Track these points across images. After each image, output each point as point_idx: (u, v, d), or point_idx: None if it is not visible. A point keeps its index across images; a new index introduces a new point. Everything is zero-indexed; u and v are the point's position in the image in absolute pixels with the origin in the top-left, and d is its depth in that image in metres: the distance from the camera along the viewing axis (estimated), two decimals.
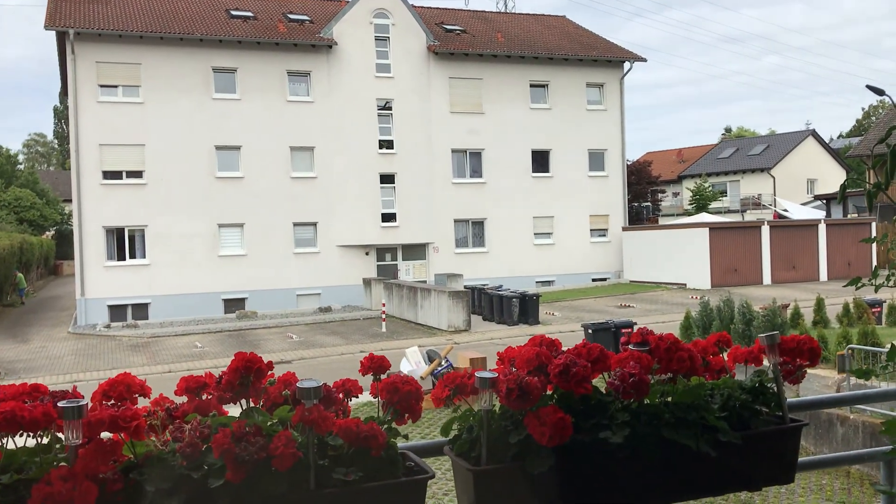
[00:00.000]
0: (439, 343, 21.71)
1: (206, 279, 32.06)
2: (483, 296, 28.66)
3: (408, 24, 35.49)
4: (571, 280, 37.68)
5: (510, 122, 37.04)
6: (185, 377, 1.90)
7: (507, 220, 36.94)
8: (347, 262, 34.49)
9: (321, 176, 34.01)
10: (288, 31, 34.07)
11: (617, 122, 39.41)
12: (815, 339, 2.39)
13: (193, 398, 1.87)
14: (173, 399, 1.87)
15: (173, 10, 34.23)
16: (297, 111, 33.69)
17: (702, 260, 34.39)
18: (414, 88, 35.47)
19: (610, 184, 39.16)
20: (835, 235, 36.29)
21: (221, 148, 32.63)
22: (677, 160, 63.09)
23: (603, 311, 28.47)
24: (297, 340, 25.30)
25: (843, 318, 19.50)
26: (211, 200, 32.28)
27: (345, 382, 1.99)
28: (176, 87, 31.93)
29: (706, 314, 19.49)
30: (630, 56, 39.68)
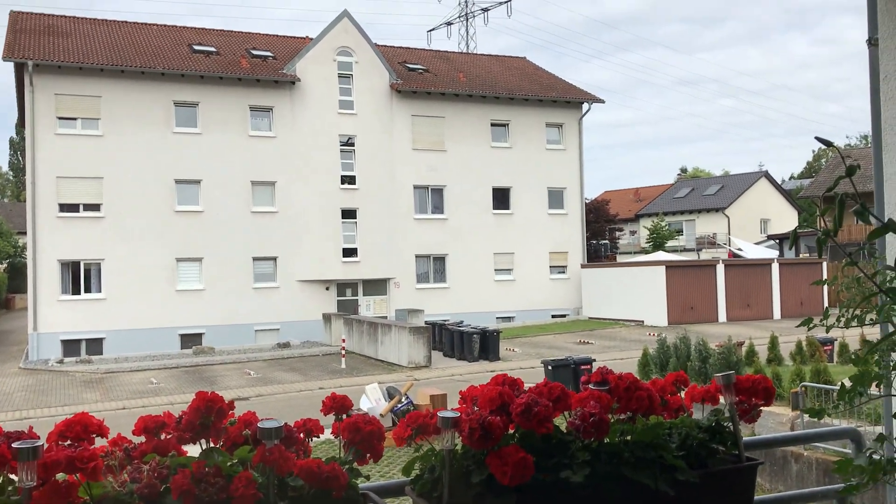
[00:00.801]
0: (399, 380, 21.57)
1: (162, 314, 31.54)
2: (444, 332, 28.60)
3: (371, 62, 35.77)
4: (531, 316, 37.82)
5: (471, 160, 37.36)
6: (143, 417, 1.87)
7: (468, 256, 37.07)
8: (307, 297, 34.23)
9: (282, 210, 33.84)
10: (251, 67, 34.10)
11: (576, 161, 39.98)
12: (770, 377, 2.44)
13: (152, 438, 1.85)
14: (131, 439, 1.84)
15: (135, 43, 34.08)
16: (258, 146, 33.61)
17: (659, 297, 34.81)
18: (377, 125, 35.66)
19: (569, 221, 39.60)
20: (787, 274, 37.03)
21: (181, 181, 32.34)
22: (634, 199, 64.08)
23: (562, 347, 28.58)
24: (254, 377, 24.93)
25: (796, 355, 19.83)
26: (169, 234, 31.89)
27: (306, 422, 1.98)
28: (136, 121, 31.67)
29: (663, 351, 19.68)
30: (588, 97, 40.43)
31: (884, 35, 2.76)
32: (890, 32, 2.75)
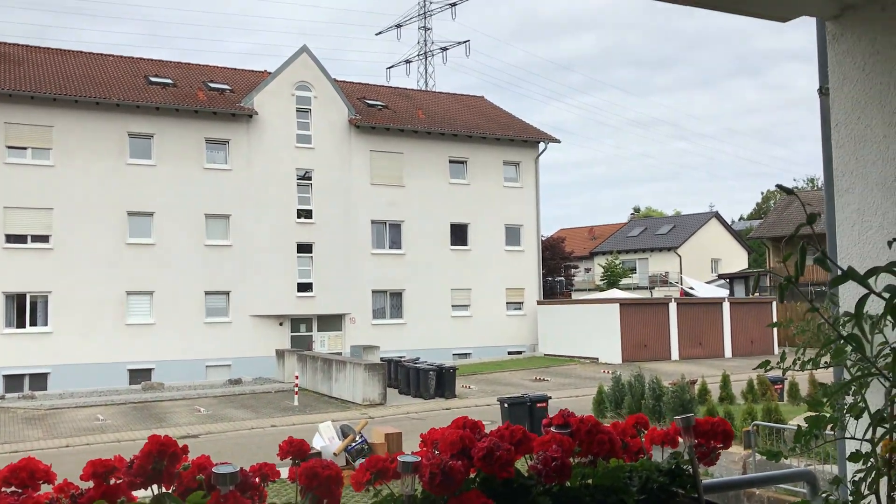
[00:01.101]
0: (353, 417, 21.29)
1: (111, 348, 30.79)
2: (399, 368, 28.38)
3: (330, 97, 35.85)
4: (488, 352, 37.80)
5: (430, 196, 37.50)
6: (92, 461, 1.80)
7: (425, 292, 37.00)
8: (260, 332, 33.76)
9: (236, 244, 33.48)
10: (208, 100, 33.92)
11: (532, 198, 40.40)
12: (723, 415, 2.46)
13: (101, 483, 1.77)
14: (79, 484, 1.76)
15: (90, 73, 33.69)
16: (214, 179, 33.30)
17: (613, 335, 35.09)
18: (335, 160, 35.64)
19: (525, 258, 39.87)
20: (738, 313, 37.67)
21: (134, 213, 31.84)
22: (589, 237, 64.86)
23: (518, 384, 28.56)
24: (205, 414, 24.39)
25: (747, 394, 20.10)
26: (120, 267, 31.28)
27: (262, 466, 1.92)
28: (89, 151, 31.19)
29: (618, 389, 19.79)
30: (544, 137, 41.01)
31: (834, 85, 2.84)
32: (840, 82, 2.83)
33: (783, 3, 2.76)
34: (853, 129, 2.77)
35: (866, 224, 2.72)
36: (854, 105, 2.77)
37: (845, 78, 2.80)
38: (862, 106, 2.74)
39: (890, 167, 2.65)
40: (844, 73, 2.81)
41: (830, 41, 2.85)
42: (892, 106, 2.65)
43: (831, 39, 2.85)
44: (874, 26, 2.70)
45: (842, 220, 2.80)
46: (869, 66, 2.72)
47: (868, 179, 2.71)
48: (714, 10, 2.76)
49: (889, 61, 2.67)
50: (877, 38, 2.69)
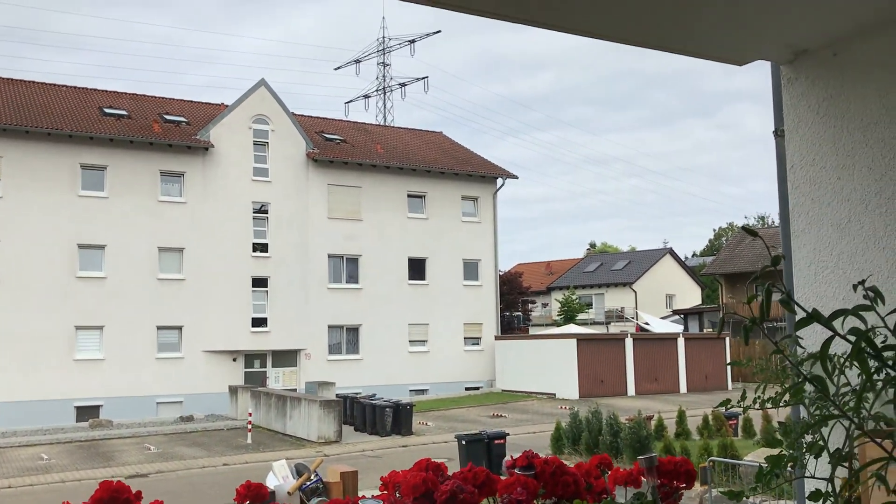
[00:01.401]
0: (308, 455, 20.93)
1: (58, 385, 29.92)
2: (356, 405, 28.04)
3: (287, 130, 35.77)
4: (445, 388, 37.59)
5: (388, 230, 37.46)
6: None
7: (382, 327, 36.77)
8: (213, 368, 33.15)
9: (190, 278, 32.96)
10: (163, 132, 33.58)
11: (490, 233, 40.60)
12: (683, 455, 2.45)
13: None
14: None
15: (42, 104, 33.15)
16: (168, 211, 32.86)
17: (570, 370, 35.19)
18: (291, 193, 35.45)
19: (483, 293, 39.93)
20: (693, 349, 38.12)
21: (84, 246, 31.21)
22: (546, 272, 65.32)
23: (476, 420, 28.40)
24: (154, 452, 23.76)
25: (703, 430, 20.27)
26: (69, 301, 30.54)
27: None
28: (40, 182, 30.57)
29: (576, 426, 19.79)
30: (502, 173, 41.39)
31: (789, 127, 2.91)
32: (795, 125, 2.89)
33: (740, 48, 2.82)
34: (808, 170, 2.83)
35: (822, 264, 2.76)
36: (809, 147, 2.83)
37: (800, 121, 2.87)
38: (816, 148, 2.80)
39: (844, 208, 2.70)
40: (799, 115, 2.87)
41: (785, 85, 2.92)
42: (845, 148, 2.72)
43: (786, 83, 2.92)
44: (827, 71, 2.78)
45: (798, 260, 2.85)
46: (823, 110, 2.79)
47: (823, 220, 2.76)
48: (676, 53, 2.81)
49: (842, 105, 2.74)
50: (830, 82, 2.77)
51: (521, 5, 2.45)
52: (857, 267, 2.65)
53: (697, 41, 2.76)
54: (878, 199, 2.61)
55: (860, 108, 2.68)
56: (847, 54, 2.72)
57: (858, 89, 2.69)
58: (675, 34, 2.69)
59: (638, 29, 2.65)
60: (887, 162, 2.60)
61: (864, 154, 2.66)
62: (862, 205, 2.65)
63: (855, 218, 2.67)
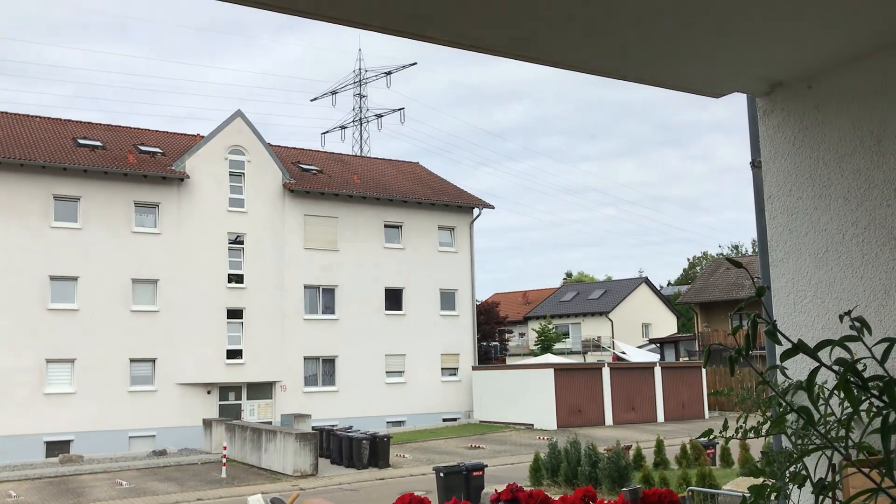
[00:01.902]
0: (284, 490, 20.63)
1: (26, 419, 29.30)
2: (332, 437, 27.73)
3: (264, 161, 35.72)
4: (422, 420, 37.32)
5: (364, 261, 37.37)
6: None
7: (359, 358, 36.53)
8: (187, 401, 32.67)
9: (164, 310, 32.59)
10: (138, 163, 33.39)
11: (467, 263, 40.64)
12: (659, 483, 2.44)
13: None
14: None
15: (15, 134, 32.85)
16: (142, 242, 32.56)
17: (548, 400, 35.10)
18: (268, 224, 35.32)
19: (460, 323, 39.86)
20: (669, 378, 38.23)
21: (56, 278, 30.78)
22: (523, 302, 65.40)
23: (454, 452, 28.19)
24: (126, 487, 23.29)
25: (681, 459, 20.26)
26: (39, 333, 30.04)
27: None
28: (10, 213, 30.19)
29: (555, 456, 19.70)
30: (478, 203, 41.56)
31: (766, 158, 2.95)
32: (771, 156, 2.93)
33: (716, 81, 2.86)
34: (785, 201, 2.86)
35: (801, 293, 2.78)
36: (786, 178, 2.86)
37: (776, 152, 2.91)
38: (793, 179, 2.84)
39: (821, 238, 2.73)
40: (775, 147, 2.91)
41: (761, 117, 2.96)
42: (821, 179, 2.75)
43: (762, 115, 2.96)
44: (802, 103, 2.82)
45: (777, 290, 2.87)
46: (799, 141, 2.83)
47: (801, 250, 2.79)
48: (652, 85, 2.84)
49: (817, 136, 2.78)
50: (805, 113, 2.81)
51: (499, 39, 2.47)
52: (836, 296, 2.67)
53: (674, 74, 2.79)
54: (854, 229, 2.64)
55: (835, 139, 2.72)
56: (822, 86, 2.77)
57: (833, 121, 2.74)
58: (651, 67, 2.72)
59: (615, 62, 2.68)
60: (863, 192, 2.63)
61: (839, 184, 2.70)
62: (839, 234, 2.68)
63: (832, 247, 2.69)
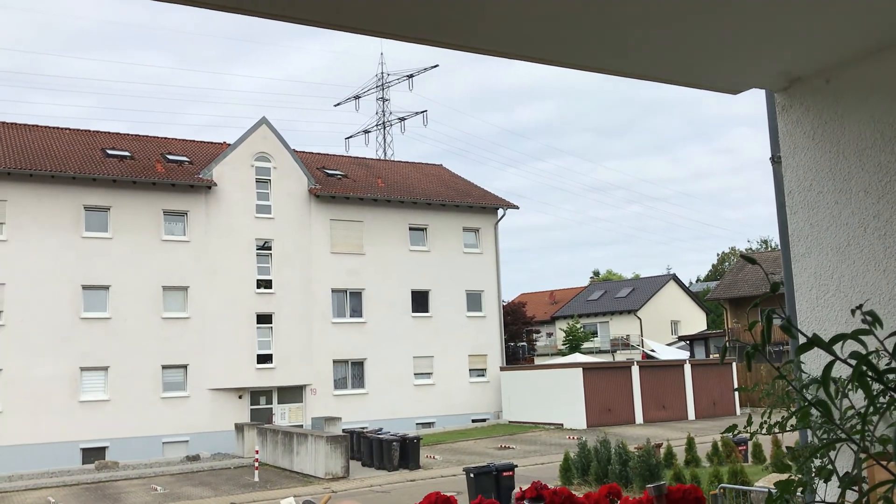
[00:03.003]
0: (316, 492, 20.78)
1: (63, 427, 29.79)
2: (362, 440, 27.88)
3: (289, 167, 36.00)
4: (451, 421, 37.37)
5: (390, 263, 37.52)
6: None
7: (387, 361, 36.66)
8: (219, 406, 33.01)
9: (194, 316, 32.96)
10: (166, 172, 33.81)
11: (492, 264, 40.63)
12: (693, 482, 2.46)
13: None
14: None
15: (45, 147, 33.42)
16: (171, 250, 32.96)
17: (577, 400, 34.98)
18: (294, 229, 35.58)
19: (487, 324, 39.85)
20: (700, 375, 37.90)
21: (88, 287, 31.26)
22: (550, 301, 65.19)
23: (483, 453, 28.20)
24: (161, 493, 23.59)
25: (713, 456, 20.10)
26: (74, 342, 30.52)
27: None
28: (43, 225, 30.72)
29: (584, 456, 19.64)
30: (503, 203, 41.53)
31: (786, 153, 2.95)
32: (791, 151, 2.93)
33: (734, 77, 2.87)
34: (806, 195, 2.86)
35: (823, 288, 2.79)
36: (806, 173, 2.87)
37: (796, 147, 2.91)
38: (813, 173, 2.84)
39: (843, 232, 2.73)
40: (795, 142, 2.92)
41: (780, 112, 2.97)
42: (842, 173, 2.75)
43: (781, 110, 2.96)
44: (821, 98, 2.82)
45: (799, 285, 2.87)
46: (818, 136, 2.83)
47: (823, 244, 2.79)
48: (669, 83, 2.86)
49: (836, 130, 2.78)
50: (824, 108, 2.81)
51: (517, 43, 2.51)
52: (858, 290, 2.67)
53: (691, 71, 2.81)
54: (875, 223, 2.64)
55: (855, 133, 2.72)
56: (840, 81, 2.77)
57: (852, 115, 2.74)
58: (668, 65, 2.74)
59: (631, 61, 2.70)
60: (883, 185, 2.63)
61: (860, 178, 2.70)
62: (860, 228, 2.68)
63: (854, 241, 2.69)
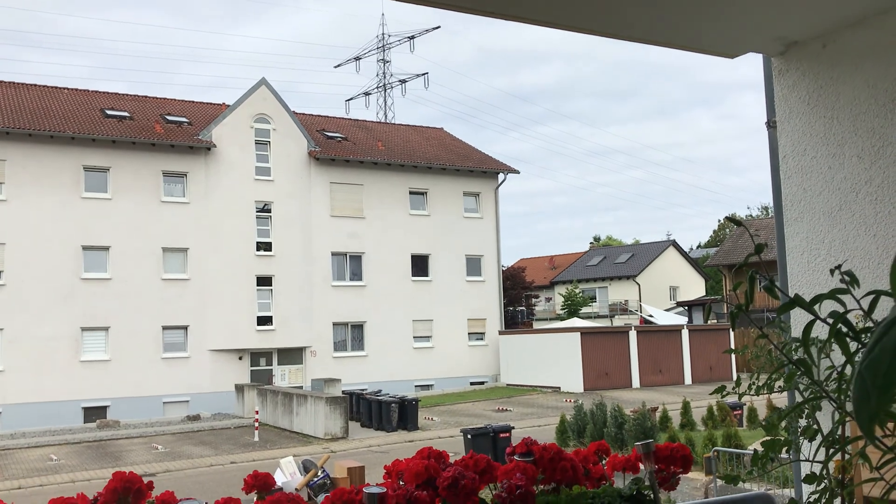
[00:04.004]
0: (315, 452, 21.04)
1: (64, 386, 30.06)
2: (361, 401, 28.16)
3: (289, 129, 35.83)
4: (450, 384, 37.68)
5: (390, 227, 37.53)
6: (53, 500, 1.78)
7: (386, 324, 36.85)
8: (219, 367, 33.26)
9: (194, 278, 33.06)
10: (165, 133, 33.65)
11: (492, 229, 40.64)
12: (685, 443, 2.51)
13: None
14: None
15: (44, 106, 33.23)
16: (171, 212, 32.95)
17: (575, 363, 35.24)
18: (294, 192, 35.52)
19: (486, 288, 39.98)
20: (697, 340, 38.13)
21: (89, 248, 31.31)
22: (549, 267, 65.31)
23: (481, 415, 28.50)
24: (162, 451, 23.89)
25: (707, 420, 20.32)
26: (74, 302, 30.66)
27: (227, 501, 1.92)
28: (43, 185, 30.67)
29: (580, 418, 19.86)
30: (504, 168, 41.40)
31: (781, 118, 2.96)
32: (786, 115, 2.94)
33: (731, 41, 2.87)
34: (800, 160, 2.88)
35: (814, 252, 2.82)
36: (800, 137, 2.88)
37: (791, 111, 2.92)
38: (808, 138, 2.85)
39: (835, 197, 2.76)
40: (790, 106, 2.93)
41: (776, 76, 2.97)
42: (835, 138, 2.77)
43: (777, 75, 2.97)
44: (817, 62, 2.83)
45: (791, 249, 2.91)
46: (813, 100, 2.84)
47: (815, 209, 2.82)
48: (664, 47, 2.86)
49: (832, 95, 2.79)
50: (820, 73, 2.82)
51: (519, 5, 2.51)
52: (849, 254, 2.70)
53: (687, 35, 2.81)
54: (867, 188, 2.66)
55: (850, 98, 2.73)
56: (836, 45, 2.77)
57: (848, 80, 2.74)
58: (665, 28, 2.74)
59: (628, 24, 2.70)
60: (876, 150, 2.65)
61: (853, 143, 2.71)
62: (852, 193, 2.70)
63: (846, 206, 2.72)
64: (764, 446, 2.31)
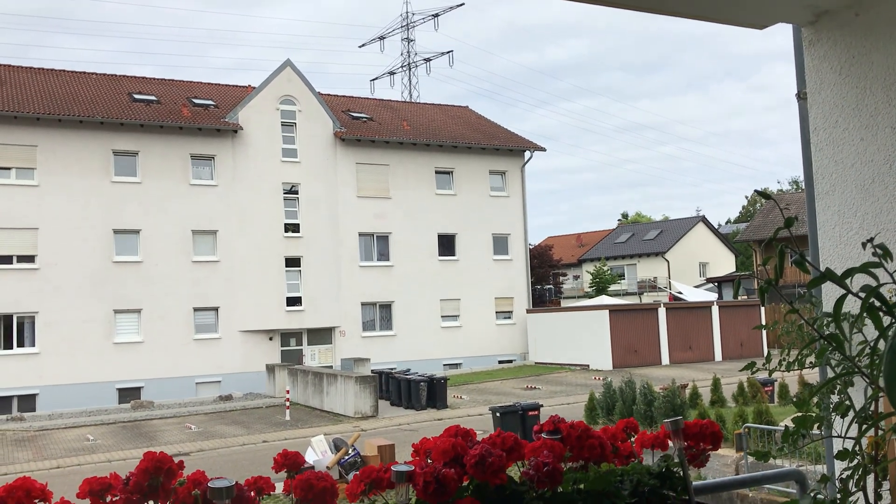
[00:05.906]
0: (346, 430, 21.25)
1: (99, 368, 30.61)
2: (390, 380, 28.35)
3: (314, 110, 35.88)
4: (478, 362, 37.79)
5: (417, 207, 37.55)
6: (88, 479, 1.81)
7: (414, 303, 36.98)
8: (250, 347, 33.64)
9: (224, 260, 33.38)
10: (192, 116, 33.87)
11: (519, 207, 40.50)
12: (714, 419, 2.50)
13: (97, 501, 1.78)
14: (74, 502, 1.78)
15: (73, 92, 33.58)
16: (200, 194, 33.23)
17: (603, 341, 35.15)
18: (320, 173, 35.64)
19: (514, 267, 39.93)
20: (727, 317, 37.82)
21: (119, 232, 31.72)
22: (577, 244, 65.04)
23: (510, 393, 28.56)
24: (195, 431, 24.26)
25: (738, 397, 20.19)
26: (107, 285, 31.13)
27: (257, 480, 1.94)
28: (74, 170, 31.07)
29: (609, 396, 19.82)
30: (530, 146, 41.16)
31: (811, 89, 2.90)
32: (817, 87, 2.88)
33: (759, 11, 2.81)
34: (831, 132, 2.82)
35: (846, 225, 2.77)
36: (832, 109, 2.82)
37: (822, 82, 2.86)
38: (839, 110, 2.79)
39: (867, 169, 2.70)
40: (821, 77, 2.86)
41: (807, 47, 2.90)
42: (868, 109, 2.70)
43: (808, 45, 2.90)
44: (849, 31, 2.76)
45: (823, 222, 2.85)
46: (845, 71, 2.78)
47: (847, 182, 2.76)
48: (692, 18, 2.81)
49: (864, 65, 2.72)
50: (852, 42, 2.75)
51: None
52: (882, 227, 2.65)
53: (715, 6, 2.75)
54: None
55: (883, 68, 2.67)
56: (869, 14, 2.70)
57: (881, 49, 2.67)
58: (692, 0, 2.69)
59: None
60: None
61: (887, 115, 2.65)
62: (886, 165, 2.64)
63: (878, 178, 2.66)
64: (795, 422, 2.29)
